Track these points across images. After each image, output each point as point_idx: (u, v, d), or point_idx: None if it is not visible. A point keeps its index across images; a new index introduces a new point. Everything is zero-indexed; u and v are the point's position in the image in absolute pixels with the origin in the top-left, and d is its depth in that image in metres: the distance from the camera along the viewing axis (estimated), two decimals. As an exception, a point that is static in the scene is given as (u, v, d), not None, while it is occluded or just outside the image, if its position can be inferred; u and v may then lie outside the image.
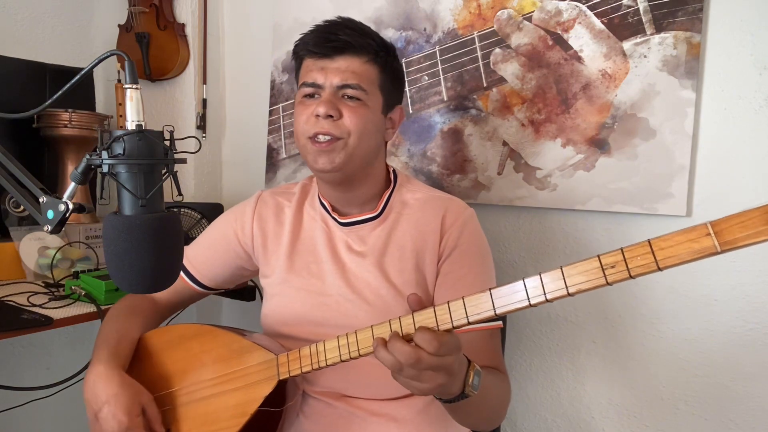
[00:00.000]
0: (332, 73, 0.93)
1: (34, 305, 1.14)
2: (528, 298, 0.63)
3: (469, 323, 0.67)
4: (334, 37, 0.93)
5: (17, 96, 1.55)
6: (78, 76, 0.61)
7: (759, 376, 1.12)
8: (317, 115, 0.91)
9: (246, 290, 1.43)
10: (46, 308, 1.13)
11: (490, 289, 0.66)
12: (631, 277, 0.57)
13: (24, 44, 1.69)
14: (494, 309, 0.65)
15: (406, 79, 1.42)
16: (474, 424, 0.92)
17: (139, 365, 0.97)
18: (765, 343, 1.11)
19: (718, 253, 0.53)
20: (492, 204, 1.35)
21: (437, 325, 0.69)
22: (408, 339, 0.70)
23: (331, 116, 0.91)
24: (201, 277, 1.09)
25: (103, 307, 1.16)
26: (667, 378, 1.21)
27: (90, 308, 1.15)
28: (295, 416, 0.99)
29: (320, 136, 0.92)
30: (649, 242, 0.56)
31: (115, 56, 0.60)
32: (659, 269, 0.56)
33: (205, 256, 1.09)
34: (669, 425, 1.22)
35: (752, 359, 1.12)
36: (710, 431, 1.17)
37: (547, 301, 0.62)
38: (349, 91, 0.93)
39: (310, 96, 0.95)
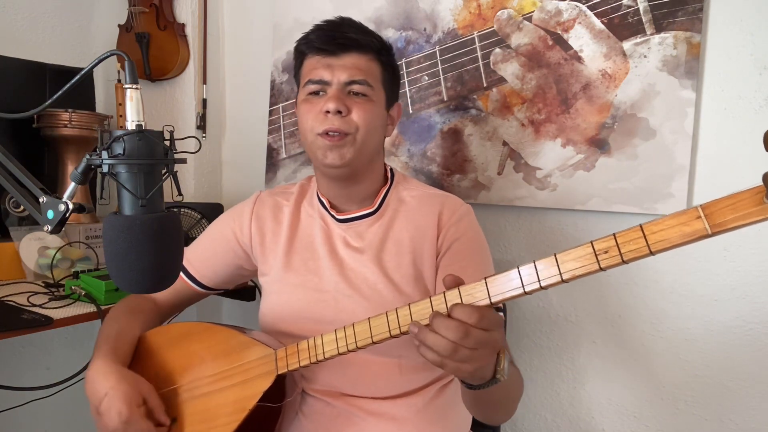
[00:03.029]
0: (339, 69, 0.94)
1: (34, 305, 1.14)
2: (522, 286, 0.63)
3: None
4: (341, 35, 0.95)
5: (17, 96, 1.55)
6: (78, 76, 0.61)
7: (759, 376, 1.12)
8: (327, 112, 0.92)
9: (246, 290, 1.43)
10: (46, 308, 1.13)
11: (485, 278, 0.65)
12: (624, 261, 0.57)
13: (24, 44, 1.69)
14: (489, 297, 0.65)
15: (402, 78, 1.43)
16: (492, 414, 0.90)
17: (139, 363, 0.97)
18: (765, 343, 1.11)
19: (709, 235, 0.53)
20: (492, 204, 1.35)
21: None
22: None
23: (340, 112, 0.92)
24: (200, 277, 1.10)
25: (103, 307, 1.16)
26: (667, 378, 1.21)
27: (90, 308, 1.15)
28: (294, 415, 0.99)
29: (330, 132, 0.93)
30: (641, 227, 0.56)
31: (115, 56, 0.60)
32: (651, 253, 0.56)
33: (205, 256, 1.10)
34: (669, 425, 1.22)
35: (752, 359, 1.12)
36: (710, 431, 1.17)
37: (541, 288, 0.62)
38: (357, 87, 0.94)
39: (316, 93, 0.96)
